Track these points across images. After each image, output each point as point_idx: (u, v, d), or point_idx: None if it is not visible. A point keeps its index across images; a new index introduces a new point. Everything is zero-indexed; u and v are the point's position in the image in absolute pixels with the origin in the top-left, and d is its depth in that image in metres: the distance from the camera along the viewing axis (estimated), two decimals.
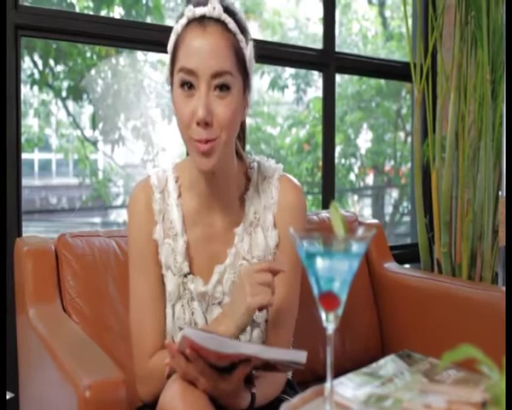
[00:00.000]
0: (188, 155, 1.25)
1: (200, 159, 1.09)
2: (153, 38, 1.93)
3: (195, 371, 0.98)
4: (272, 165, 1.25)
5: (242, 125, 1.24)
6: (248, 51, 1.12)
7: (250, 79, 1.15)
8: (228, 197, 1.21)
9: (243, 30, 1.12)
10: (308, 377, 1.36)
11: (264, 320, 1.21)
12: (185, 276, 1.19)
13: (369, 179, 6.08)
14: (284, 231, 1.20)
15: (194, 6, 1.09)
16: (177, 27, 1.10)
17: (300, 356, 0.97)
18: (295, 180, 1.26)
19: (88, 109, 5.12)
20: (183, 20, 1.10)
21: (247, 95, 1.15)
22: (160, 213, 1.19)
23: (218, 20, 1.08)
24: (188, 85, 1.08)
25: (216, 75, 1.06)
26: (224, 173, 1.17)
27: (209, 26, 1.07)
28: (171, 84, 1.14)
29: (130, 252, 1.22)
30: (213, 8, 1.08)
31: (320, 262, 0.70)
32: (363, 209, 6.19)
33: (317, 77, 5.15)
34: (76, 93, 4.89)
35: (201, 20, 1.08)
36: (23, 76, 3.96)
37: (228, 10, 1.10)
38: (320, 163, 2.51)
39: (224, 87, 1.07)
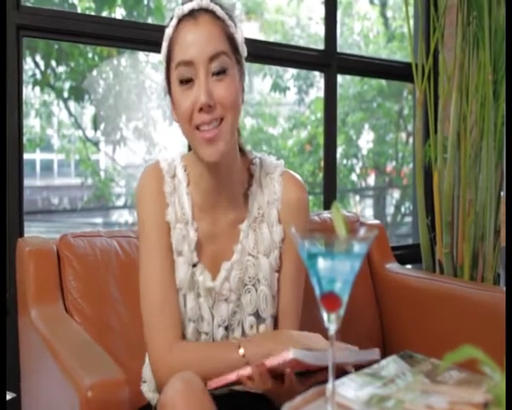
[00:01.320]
0: (189, 150, 1.25)
1: (206, 148, 1.09)
2: (154, 38, 1.91)
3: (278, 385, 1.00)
4: (273, 161, 1.26)
5: None
6: (239, 36, 1.15)
7: (243, 64, 1.17)
8: (232, 193, 1.21)
9: (231, 16, 1.15)
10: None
11: (269, 315, 1.21)
12: (194, 266, 1.19)
13: (371, 180, 6.08)
14: (289, 227, 1.20)
15: (183, 4, 1.13)
16: (169, 31, 1.13)
17: (375, 354, 1.02)
18: (297, 176, 1.26)
19: (89, 110, 5.13)
20: (174, 21, 1.13)
21: (242, 81, 1.17)
22: (171, 195, 1.19)
23: (207, 10, 1.12)
24: (186, 81, 1.09)
25: (213, 58, 1.08)
26: (228, 168, 1.17)
27: (200, 17, 1.11)
28: (169, 89, 1.15)
29: (143, 234, 1.19)
30: (201, 0, 1.12)
31: (322, 263, 0.70)
32: (365, 210, 6.19)
33: (318, 78, 5.15)
34: (78, 94, 4.90)
35: (191, 13, 1.11)
36: (25, 77, 3.97)
37: (214, 1, 1.14)
38: (322, 164, 2.51)
39: (221, 71, 1.09)
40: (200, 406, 0.98)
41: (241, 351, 1.10)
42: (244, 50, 1.17)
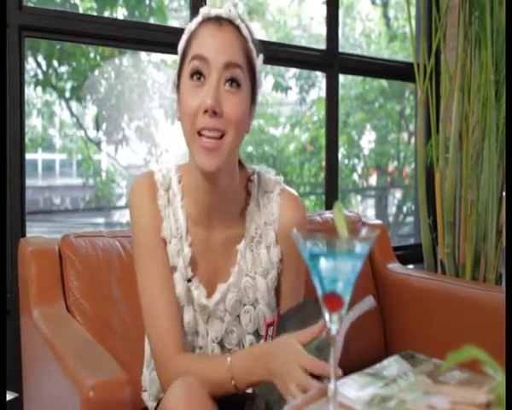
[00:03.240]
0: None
1: (205, 157, 1.05)
2: (156, 38, 1.93)
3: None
4: (272, 177, 1.22)
5: None
6: (258, 64, 1.12)
7: (256, 94, 1.13)
8: (227, 210, 1.18)
9: (254, 42, 1.12)
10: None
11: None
12: (189, 281, 1.17)
13: (373, 180, 6.07)
14: (287, 246, 1.18)
15: (210, 8, 1.10)
16: (191, 25, 1.10)
17: (370, 302, 0.98)
18: (295, 194, 1.23)
19: (91, 110, 5.13)
20: (198, 18, 1.10)
21: (252, 109, 1.14)
22: (165, 209, 1.16)
23: (233, 23, 1.09)
24: (198, 76, 1.06)
25: (228, 66, 1.05)
26: (225, 184, 1.14)
27: (225, 25, 1.08)
28: (178, 85, 1.11)
29: (138, 246, 1.17)
30: (229, 10, 1.09)
31: (323, 263, 0.70)
32: (367, 210, 6.18)
33: (320, 77, 5.15)
34: (79, 94, 4.90)
35: (217, 18, 1.09)
36: (27, 77, 3.97)
37: (241, 18, 1.11)
38: (323, 164, 2.51)
39: (234, 82, 1.06)
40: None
41: (232, 381, 1.05)
42: (261, 81, 1.13)
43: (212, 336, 1.18)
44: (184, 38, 1.11)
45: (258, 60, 1.12)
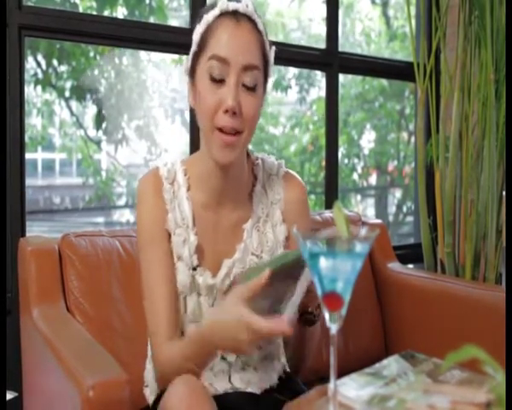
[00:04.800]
0: (191, 153, 1.25)
1: (222, 150, 1.10)
2: (156, 38, 1.93)
3: None
4: (274, 161, 1.27)
5: None
6: (271, 56, 1.16)
7: (268, 82, 1.18)
8: (238, 193, 1.22)
9: (267, 35, 1.16)
10: (311, 378, 1.36)
11: None
12: (194, 269, 1.19)
13: (373, 179, 6.08)
14: (292, 225, 1.20)
15: (228, 1, 1.12)
16: (209, 17, 1.11)
17: (308, 277, 0.93)
18: (298, 176, 1.29)
19: (91, 109, 5.14)
20: (216, 11, 1.11)
21: (264, 97, 1.18)
22: (171, 202, 1.19)
23: (250, 18, 1.11)
24: (217, 78, 1.08)
25: (247, 68, 1.08)
26: (238, 170, 1.19)
27: (242, 21, 1.10)
28: (193, 73, 1.14)
29: (141, 236, 1.20)
30: (246, 6, 1.11)
31: (323, 262, 0.70)
32: (367, 209, 6.19)
33: (320, 77, 5.15)
34: (79, 93, 4.90)
35: (234, 13, 1.10)
36: (26, 76, 3.97)
37: (257, 12, 1.14)
38: (323, 163, 2.51)
39: (251, 87, 1.10)
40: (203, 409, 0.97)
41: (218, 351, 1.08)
42: (272, 71, 1.18)
43: None
44: (200, 29, 1.13)
45: (271, 52, 1.16)
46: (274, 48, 1.17)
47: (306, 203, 1.28)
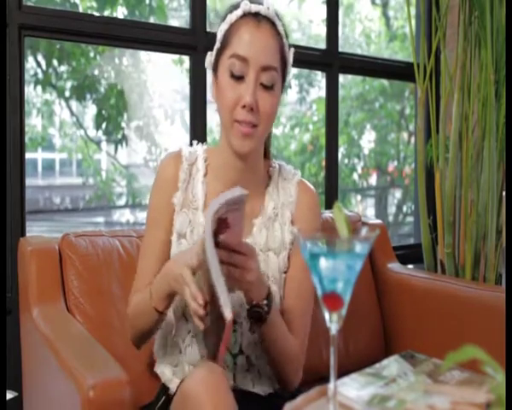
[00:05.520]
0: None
1: (241, 141, 1.16)
2: (156, 38, 1.93)
3: None
4: (292, 169, 1.33)
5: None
6: (290, 56, 1.22)
7: (286, 81, 1.24)
8: (251, 187, 1.22)
9: (287, 36, 1.22)
10: (311, 378, 1.36)
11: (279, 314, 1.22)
12: None
13: (373, 180, 6.08)
14: (301, 228, 1.25)
15: (250, 2, 1.18)
16: (232, 17, 1.18)
17: (241, 193, 1.01)
18: (312, 186, 1.32)
19: (91, 109, 5.13)
20: (239, 12, 1.17)
21: (283, 93, 1.24)
22: (184, 182, 1.25)
23: (270, 21, 1.18)
24: (237, 76, 1.15)
25: (265, 68, 1.15)
26: (253, 163, 1.24)
27: (263, 23, 1.17)
28: (216, 68, 1.20)
29: (149, 215, 1.28)
30: (267, 8, 1.17)
31: (323, 262, 0.70)
32: (367, 209, 6.19)
33: (320, 77, 5.15)
34: (79, 93, 4.90)
35: (256, 15, 1.17)
36: (26, 76, 3.97)
37: (277, 15, 1.20)
38: (323, 163, 2.51)
39: (269, 86, 1.16)
40: (220, 393, 0.99)
41: (152, 303, 1.15)
42: (290, 70, 1.24)
43: None
44: (224, 27, 1.19)
45: (290, 53, 1.22)
46: (293, 49, 1.23)
47: (318, 212, 1.31)
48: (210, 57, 1.23)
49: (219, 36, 1.20)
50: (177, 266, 1.08)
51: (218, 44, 1.20)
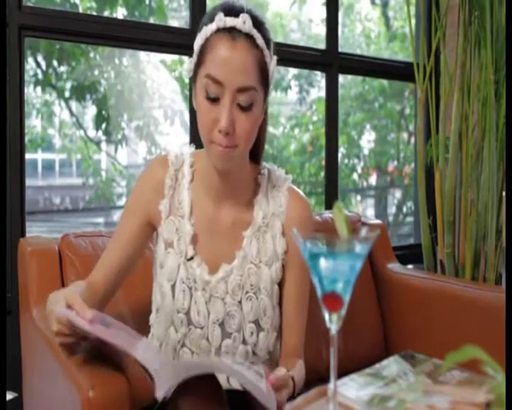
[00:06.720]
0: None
1: (219, 160, 1.13)
2: (156, 38, 1.93)
3: None
4: (282, 175, 1.27)
5: (261, 132, 1.23)
6: (272, 66, 1.15)
7: (270, 89, 1.18)
8: (236, 196, 1.23)
9: (269, 44, 1.13)
10: (311, 378, 1.36)
11: (270, 326, 1.22)
12: (190, 259, 1.20)
13: (372, 180, 6.08)
14: (292, 240, 1.21)
15: (225, 15, 1.09)
16: (206, 31, 1.10)
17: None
18: (303, 194, 1.28)
19: (91, 110, 5.14)
20: (213, 27, 1.09)
21: (265, 106, 1.19)
22: (170, 188, 1.22)
23: (247, 35, 1.09)
24: (212, 98, 1.09)
25: (241, 90, 1.08)
26: (237, 175, 1.21)
27: (238, 39, 1.08)
28: (195, 80, 1.14)
29: (127, 202, 1.27)
30: (244, 23, 1.08)
31: (323, 263, 0.70)
32: (366, 210, 6.19)
33: (319, 77, 5.15)
34: (79, 93, 4.90)
35: (231, 30, 1.08)
36: (26, 76, 3.97)
37: (256, 23, 1.10)
38: (323, 163, 2.51)
39: (246, 107, 1.10)
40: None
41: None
42: (273, 78, 1.18)
43: (213, 317, 1.20)
44: (200, 41, 1.12)
45: (272, 62, 1.15)
46: (275, 58, 1.15)
47: (309, 220, 1.26)
48: (190, 65, 1.15)
49: (196, 49, 1.13)
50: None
51: (194, 57, 1.13)
